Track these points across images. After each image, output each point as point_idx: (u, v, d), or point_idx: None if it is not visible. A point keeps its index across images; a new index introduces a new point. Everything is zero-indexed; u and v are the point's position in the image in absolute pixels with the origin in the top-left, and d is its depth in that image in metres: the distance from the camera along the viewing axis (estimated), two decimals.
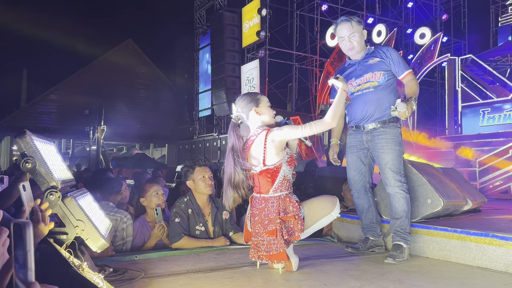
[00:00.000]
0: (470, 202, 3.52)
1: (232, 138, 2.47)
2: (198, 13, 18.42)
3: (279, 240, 2.33)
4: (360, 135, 3.01)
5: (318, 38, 14.96)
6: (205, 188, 3.12)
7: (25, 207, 1.61)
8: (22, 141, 1.67)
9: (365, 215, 3.08)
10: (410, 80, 2.91)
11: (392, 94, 2.95)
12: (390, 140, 2.88)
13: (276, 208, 2.39)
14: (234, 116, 2.56)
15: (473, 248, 2.62)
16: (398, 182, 2.84)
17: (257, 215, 2.44)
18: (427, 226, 2.94)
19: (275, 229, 2.34)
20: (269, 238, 2.35)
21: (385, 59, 2.93)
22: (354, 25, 2.94)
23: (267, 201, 2.42)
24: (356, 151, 3.04)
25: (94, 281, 1.45)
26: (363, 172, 3.04)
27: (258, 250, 2.41)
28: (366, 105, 2.94)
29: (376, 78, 2.93)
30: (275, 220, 2.36)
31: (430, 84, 16.30)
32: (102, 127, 14.07)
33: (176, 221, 3.03)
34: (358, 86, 2.98)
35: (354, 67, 3.03)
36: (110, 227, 2.10)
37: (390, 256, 2.73)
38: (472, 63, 12.05)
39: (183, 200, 3.14)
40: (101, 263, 2.30)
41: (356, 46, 2.96)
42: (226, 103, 15.01)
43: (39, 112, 20.31)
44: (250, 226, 2.50)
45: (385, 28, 13.98)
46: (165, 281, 2.21)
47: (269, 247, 2.35)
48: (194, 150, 17.88)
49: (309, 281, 2.26)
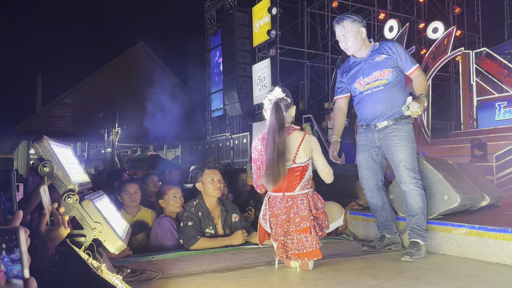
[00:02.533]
0: (488, 198, 3.46)
1: (281, 115, 2.45)
2: (208, 13, 18.46)
3: (314, 237, 2.36)
4: (371, 134, 2.98)
5: (329, 35, 14.88)
6: (214, 190, 3.12)
7: (46, 211, 1.64)
8: (39, 146, 1.70)
9: (380, 213, 3.06)
10: (418, 75, 2.88)
11: (402, 90, 2.92)
12: (403, 137, 2.85)
13: (307, 205, 2.41)
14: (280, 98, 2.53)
15: (491, 244, 2.59)
16: (413, 179, 2.81)
17: (282, 214, 2.41)
18: (444, 223, 2.91)
19: (309, 226, 2.36)
20: (300, 236, 2.36)
21: (392, 55, 2.89)
22: (347, 25, 2.88)
23: (294, 199, 2.42)
24: (368, 150, 3.01)
25: (113, 282, 1.46)
26: (375, 171, 3.01)
27: (286, 249, 2.39)
28: (377, 104, 2.91)
29: (385, 75, 2.89)
30: (308, 217, 2.38)
31: (444, 79, 16.08)
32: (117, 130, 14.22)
33: (189, 224, 3.04)
34: (367, 84, 2.94)
35: (360, 65, 2.98)
36: (127, 228, 2.13)
37: (407, 253, 2.71)
38: (487, 56, 11.85)
39: (193, 204, 3.15)
40: (119, 264, 2.33)
41: (351, 46, 2.91)
42: (238, 103, 15.02)
43: (54, 116, 20.62)
44: (270, 227, 2.48)
45: (397, 23, 13.82)
46: (182, 281, 2.23)
47: (300, 245, 2.36)
48: (207, 151, 17.95)
49: (326, 279, 2.25)
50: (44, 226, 1.62)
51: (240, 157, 15.06)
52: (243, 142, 15.28)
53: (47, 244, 1.60)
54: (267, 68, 13.68)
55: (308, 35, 15.19)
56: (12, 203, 1.46)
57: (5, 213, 1.44)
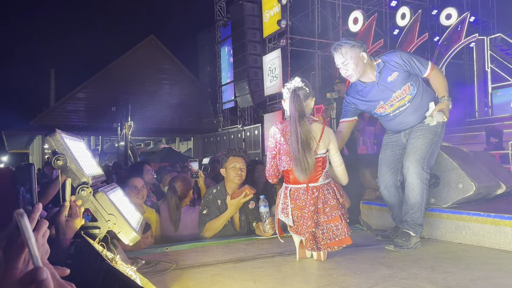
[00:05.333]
0: (504, 186, 3.41)
1: (300, 104, 2.44)
2: (218, 5, 18.38)
3: (344, 224, 2.39)
4: (398, 134, 2.95)
5: (340, 24, 14.70)
6: (234, 177, 3.19)
7: (67, 203, 1.67)
8: (52, 139, 1.71)
9: (397, 210, 3.00)
10: (434, 75, 2.78)
11: (426, 94, 2.83)
12: (426, 128, 2.77)
13: (333, 194, 2.42)
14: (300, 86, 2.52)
15: (508, 233, 2.55)
16: (418, 169, 2.68)
17: (310, 205, 2.38)
18: (459, 211, 2.87)
19: (339, 215, 2.38)
20: (330, 225, 2.37)
21: (402, 67, 2.73)
22: (346, 51, 2.68)
23: (320, 189, 2.41)
24: (391, 147, 2.96)
25: (127, 273, 1.48)
26: (395, 170, 2.93)
27: (317, 241, 2.38)
28: (407, 119, 2.85)
29: (407, 92, 2.78)
30: (337, 206, 2.40)
31: (458, 66, 15.79)
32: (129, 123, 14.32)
33: (204, 212, 3.19)
34: (391, 106, 2.84)
35: (374, 90, 2.80)
36: (141, 220, 2.14)
37: (393, 243, 2.67)
38: (502, 42, 11.60)
39: (212, 192, 3.24)
40: (133, 256, 2.36)
41: (352, 73, 2.72)
42: (249, 94, 14.97)
43: (67, 111, 20.86)
44: (293, 220, 2.41)
45: (409, 10, 13.59)
46: (196, 272, 2.25)
47: (331, 234, 2.37)
48: (219, 143, 17.99)
49: (340, 269, 2.25)
50: (64, 217, 1.65)
51: (252, 148, 15.05)
52: (255, 134, 15.27)
53: (65, 236, 1.63)
54: (278, 59, 13.58)
55: (319, 24, 15.03)
56: (32, 195, 1.50)
57: (25, 204, 1.48)
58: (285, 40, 13.51)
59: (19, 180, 1.51)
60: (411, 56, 2.77)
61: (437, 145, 2.80)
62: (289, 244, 2.63)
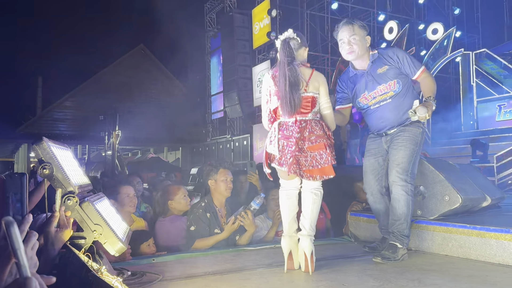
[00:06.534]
0: (489, 198, 3.45)
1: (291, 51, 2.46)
2: (208, 16, 18.48)
3: (329, 153, 2.37)
4: (379, 139, 2.95)
5: (329, 37, 14.87)
6: (226, 190, 3.18)
7: (57, 213, 1.64)
8: (39, 148, 1.69)
9: (383, 218, 3.01)
10: (425, 78, 2.81)
11: (409, 95, 2.85)
12: (407, 138, 2.79)
13: (320, 127, 2.42)
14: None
15: (493, 245, 2.57)
16: (402, 181, 2.71)
17: (296, 133, 2.37)
18: (445, 224, 2.89)
19: (324, 143, 2.38)
20: (314, 153, 2.36)
21: (394, 64, 2.80)
22: (356, 28, 2.79)
23: (308, 122, 2.41)
24: (375, 154, 2.96)
25: (113, 285, 1.46)
26: (380, 176, 2.94)
27: (300, 166, 2.37)
28: (386, 116, 2.87)
29: (391, 88, 2.82)
30: (323, 135, 2.40)
31: (444, 80, 16.02)
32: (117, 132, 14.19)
33: (191, 229, 3.11)
34: (374, 99, 2.88)
35: (363, 78, 2.89)
36: (128, 230, 2.12)
37: (380, 255, 2.65)
38: (487, 57, 11.84)
39: (200, 205, 3.18)
40: (119, 267, 2.32)
41: (356, 50, 2.80)
42: (238, 104, 15.02)
43: (54, 119, 20.61)
44: (279, 150, 2.40)
45: (396, 24, 13.83)
46: (182, 284, 2.22)
47: (315, 161, 2.36)
48: (207, 153, 17.95)
49: (327, 281, 2.24)
50: (53, 228, 1.62)
51: (241, 159, 15.04)
52: (244, 144, 15.28)
53: (53, 247, 1.60)
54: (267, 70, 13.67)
55: (308, 37, 15.17)
56: (22, 205, 1.48)
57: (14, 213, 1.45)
58: (275, 51, 13.58)
59: (10, 189, 1.48)
60: (406, 55, 2.84)
61: (418, 153, 2.84)
62: (277, 256, 2.62)
